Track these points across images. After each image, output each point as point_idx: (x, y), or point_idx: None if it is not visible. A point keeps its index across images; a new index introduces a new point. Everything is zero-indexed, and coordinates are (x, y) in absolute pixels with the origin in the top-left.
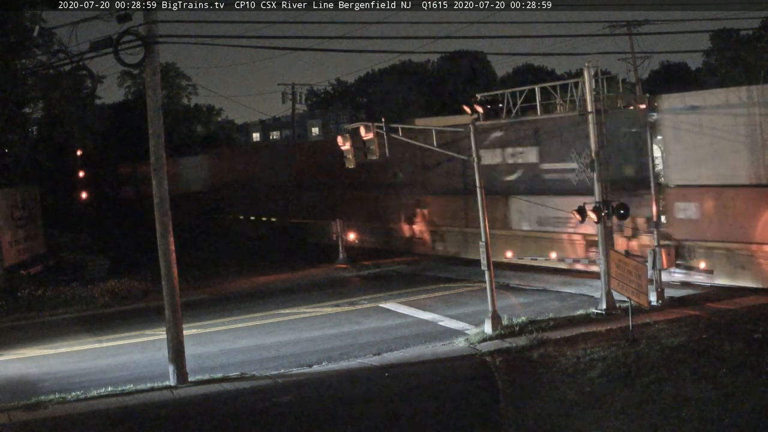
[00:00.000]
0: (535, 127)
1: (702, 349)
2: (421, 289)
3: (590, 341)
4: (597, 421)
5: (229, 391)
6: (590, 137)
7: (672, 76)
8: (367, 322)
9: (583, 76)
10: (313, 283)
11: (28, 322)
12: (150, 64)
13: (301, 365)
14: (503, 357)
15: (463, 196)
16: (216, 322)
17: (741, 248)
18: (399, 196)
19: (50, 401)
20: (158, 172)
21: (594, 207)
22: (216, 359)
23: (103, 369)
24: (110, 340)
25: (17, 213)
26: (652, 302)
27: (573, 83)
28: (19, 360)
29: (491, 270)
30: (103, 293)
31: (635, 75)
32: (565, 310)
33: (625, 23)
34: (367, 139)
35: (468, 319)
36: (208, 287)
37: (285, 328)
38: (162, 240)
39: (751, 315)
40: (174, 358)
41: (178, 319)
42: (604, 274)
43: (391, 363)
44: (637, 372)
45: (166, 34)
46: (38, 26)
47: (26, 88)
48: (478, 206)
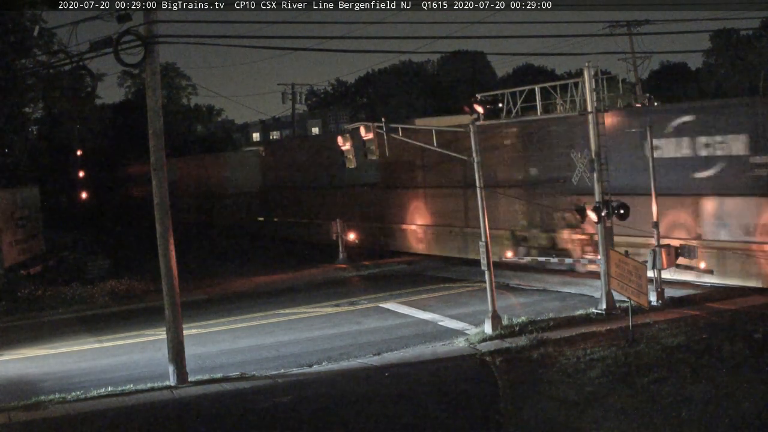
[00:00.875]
0: (745, 110)
1: (702, 349)
2: (422, 288)
3: (590, 341)
4: (597, 421)
5: (229, 391)
6: (590, 137)
7: (672, 76)
8: (367, 322)
9: (583, 76)
10: (313, 283)
11: (28, 322)
12: (150, 64)
13: (301, 365)
14: (503, 357)
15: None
16: (216, 322)
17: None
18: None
19: (50, 401)
20: (158, 172)
21: (593, 207)
22: (216, 359)
23: (103, 369)
24: (110, 340)
25: (17, 213)
26: (652, 302)
27: (573, 83)
28: (19, 360)
29: (491, 270)
30: (103, 293)
31: (635, 75)
32: (565, 310)
33: (625, 23)
34: (367, 139)
35: (468, 319)
36: (208, 287)
37: (285, 328)
38: (162, 240)
39: (751, 315)
40: (174, 358)
41: (178, 319)
42: (604, 274)
43: (391, 363)
44: (637, 372)
45: (166, 34)
46: (38, 26)
47: (26, 88)
48: (478, 206)
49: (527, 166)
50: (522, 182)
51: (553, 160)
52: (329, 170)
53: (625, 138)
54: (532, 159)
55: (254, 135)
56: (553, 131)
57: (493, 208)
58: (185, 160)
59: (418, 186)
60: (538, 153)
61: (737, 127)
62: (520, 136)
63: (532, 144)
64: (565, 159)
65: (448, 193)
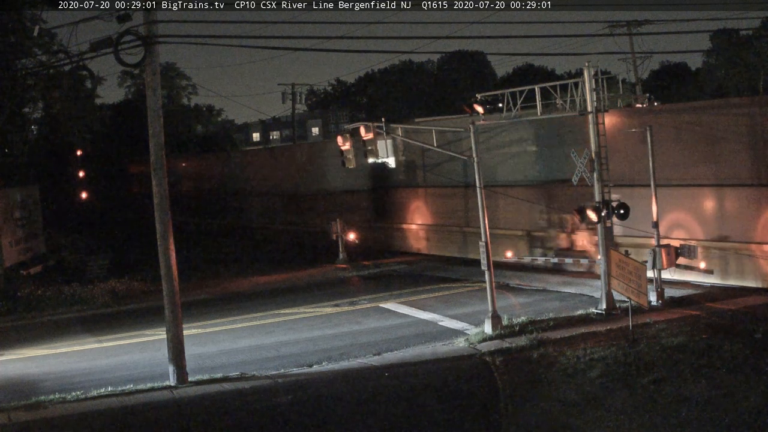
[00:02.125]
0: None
1: (702, 349)
2: (421, 289)
3: (590, 341)
4: (597, 421)
5: (229, 392)
6: (590, 137)
7: (672, 76)
8: (367, 322)
9: (583, 76)
10: (313, 283)
11: (28, 322)
12: (150, 64)
13: (301, 365)
14: (503, 357)
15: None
16: (216, 322)
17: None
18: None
19: (50, 401)
20: (158, 172)
21: (593, 206)
22: (216, 359)
23: (103, 369)
24: (110, 340)
25: (17, 213)
26: (652, 302)
27: (573, 83)
28: (19, 360)
29: (491, 270)
30: (103, 293)
31: (635, 75)
32: (565, 310)
33: (625, 23)
34: (367, 139)
35: (468, 319)
36: (208, 287)
37: (285, 328)
38: (162, 240)
39: (751, 315)
40: (174, 358)
41: (178, 319)
42: (604, 274)
43: (391, 363)
44: (637, 372)
45: (166, 34)
46: (38, 26)
47: (26, 88)
48: (479, 206)
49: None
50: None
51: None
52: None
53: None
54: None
55: (254, 135)
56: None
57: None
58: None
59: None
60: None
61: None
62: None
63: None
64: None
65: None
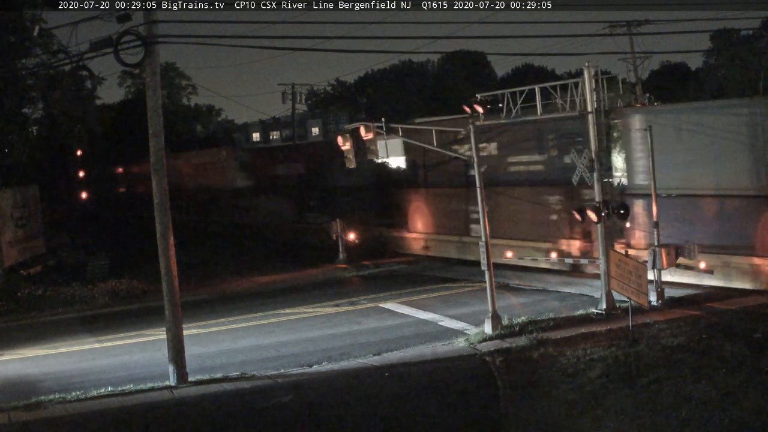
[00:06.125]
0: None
1: (702, 349)
2: (421, 288)
3: (590, 341)
4: (597, 421)
5: (229, 391)
6: (590, 137)
7: (672, 76)
8: (367, 322)
9: (583, 76)
10: (313, 283)
11: (28, 322)
12: (150, 64)
13: (301, 365)
14: (503, 357)
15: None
16: (216, 322)
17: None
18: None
19: (50, 401)
20: (158, 171)
21: (593, 206)
22: (216, 359)
23: (103, 369)
24: (110, 340)
25: (17, 213)
26: (652, 302)
27: (573, 83)
28: (19, 360)
29: (491, 270)
30: (103, 293)
31: (635, 75)
32: (565, 310)
33: (625, 23)
34: (367, 139)
35: (468, 319)
36: (208, 287)
37: (285, 328)
38: (162, 240)
39: (751, 315)
40: (174, 358)
41: (178, 319)
42: (604, 274)
43: (391, 363)
44: (637, 372)
45: (166, 34)
46: (38, 26)
47: (26, 88)
48: (479, 206)
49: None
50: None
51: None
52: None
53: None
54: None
55: (254, 135)
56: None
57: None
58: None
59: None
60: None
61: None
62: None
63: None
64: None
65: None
